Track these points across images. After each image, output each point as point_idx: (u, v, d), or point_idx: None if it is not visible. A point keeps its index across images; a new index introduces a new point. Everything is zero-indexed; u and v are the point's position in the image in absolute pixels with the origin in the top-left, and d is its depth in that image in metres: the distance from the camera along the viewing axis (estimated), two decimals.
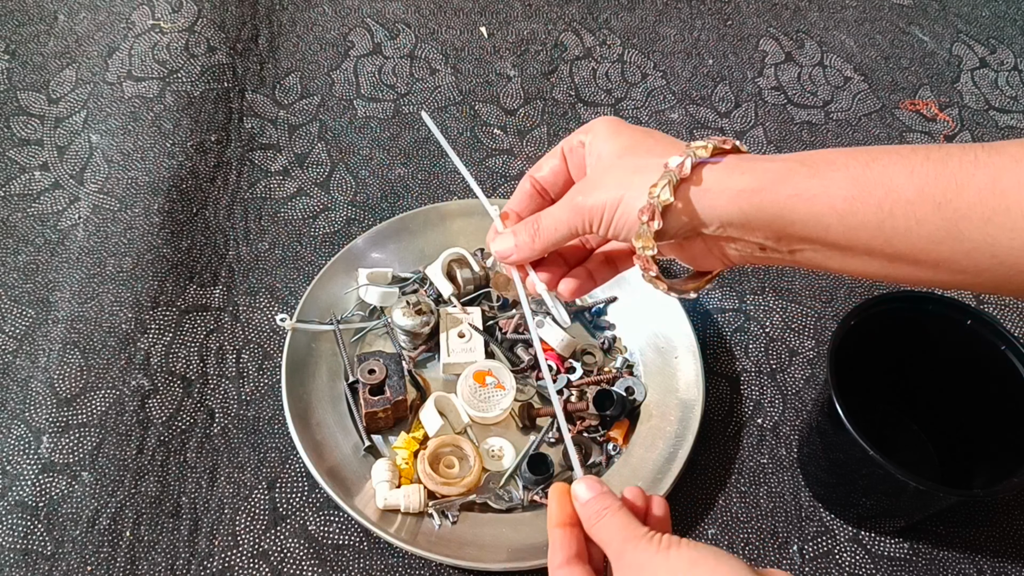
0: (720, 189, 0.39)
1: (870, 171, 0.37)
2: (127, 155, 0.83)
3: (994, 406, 0.62)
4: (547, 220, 0.45)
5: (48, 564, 0.59)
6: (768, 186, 0.39)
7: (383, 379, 0.65)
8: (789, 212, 0.38)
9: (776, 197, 0.38)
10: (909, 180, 0.37)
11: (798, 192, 0.38)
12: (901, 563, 0.64)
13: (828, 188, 0.38)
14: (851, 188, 0.37)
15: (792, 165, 0.39)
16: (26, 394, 0.67)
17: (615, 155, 0.43)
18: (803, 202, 0.38)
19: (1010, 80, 1.01)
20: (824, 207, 0.38)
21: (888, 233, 0.37)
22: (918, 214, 0.36)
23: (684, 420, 0.67)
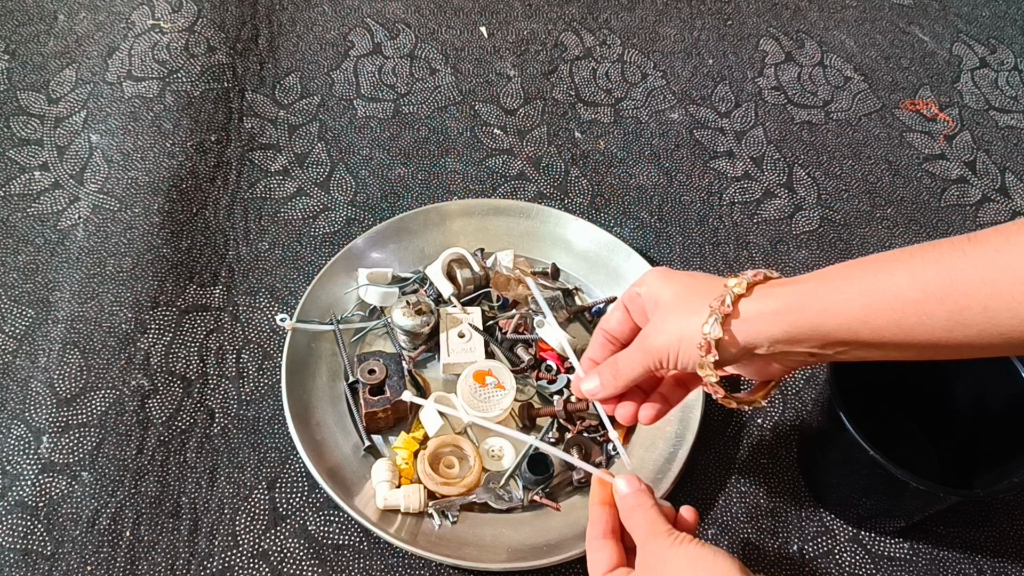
0: (759, 316, 0.47)
1: (879, 281, 0.45)
2: (127, 155, 0.83)
3: (994, 406, 0.62)
4: (624, 362, 0.53)
5: (48, 564, 0.59)
6: (798, 307, 0.47)
7: (383, 379, 0.65)
8: (821, 325, 0.46)
9: (808, 315, 0.46)
10: (911, 283, 0.43)
11: (824, 308, 0.46)
12: (901, 563, 0.64)
13: (848, 302, 0.45)
14: (866, 299, 0.45)
15: (813, 286, 0.47)
16: (26, 394, 0.67)
17: (670, 301, 0.51)
18: (830, 316, 0.46)
19: (1010, 80, 1.01)
20: (848, 318, 0.45)
21: (906, 330, 0.44)
22: (926, 311, 0.43)
23: (684, 420, 0.67)
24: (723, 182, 0.88)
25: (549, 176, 0.86)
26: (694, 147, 0.91)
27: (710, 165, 0.89)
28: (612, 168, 0.88)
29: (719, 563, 0.46)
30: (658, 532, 0.49)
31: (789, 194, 0.87)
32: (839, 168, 0.90)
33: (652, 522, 0.50)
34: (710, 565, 0.46)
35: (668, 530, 0.49)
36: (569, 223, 0.78)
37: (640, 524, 0.50)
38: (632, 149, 0.90)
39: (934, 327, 0.44)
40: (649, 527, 0.50)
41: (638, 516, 0.51)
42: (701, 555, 0.47)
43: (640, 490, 0.52)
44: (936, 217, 0.87)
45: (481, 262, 0.74)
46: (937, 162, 0.92)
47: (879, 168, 0.91)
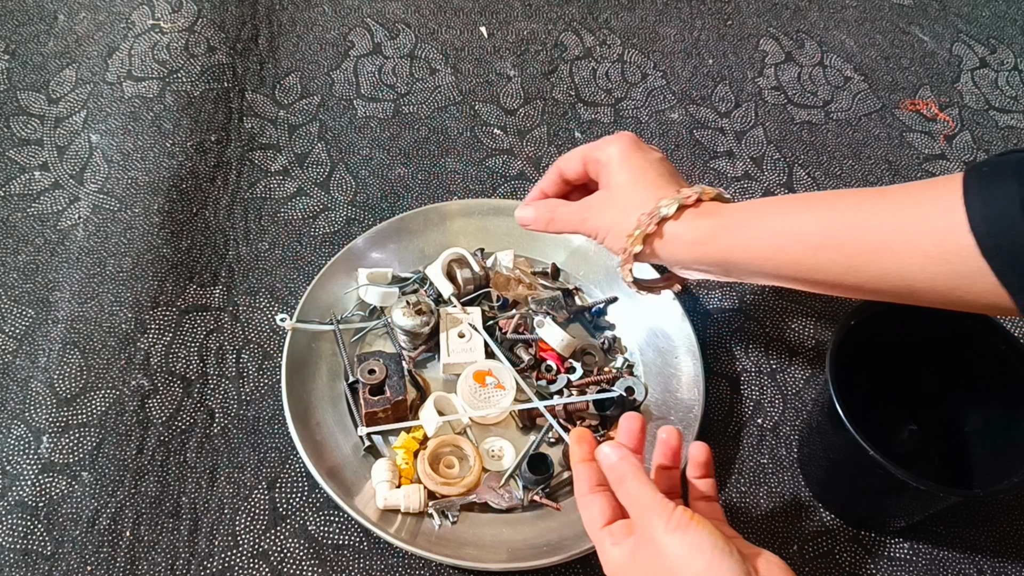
0: (675, 241, 0.54)
1: (787, 222, 0.50)
2: (127, 155, 0.83)
3: (994, 406, 0.62)
4: (560, 214, 0.61)
5: (48, 564, 0.59)
6: (711, 239, 0.52)
7: (383, 379, 0.65)
8: (728, 259, 0.52)
9: (718, 248, 0.52)
10: (817, 228, 0.48)
11: (733, 244, 0.52)
12: (901, 563, 0.64)
13: (756, 239, 0.51)
14: (773, 239, 0.50)
15: (730, 220, 0.52)
16: (26, 394, 0.67)
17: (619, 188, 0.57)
18: (738, 252, 0.52)
19: (1010, 80, 1.01)
20: (753, 255, 0.51)
21: (805, 270, 0.50)
22: (826, 256, 0.48)
23: (684, 420, 0.67)
24: (723, 182, 0.88)
25: None
26: (694, 147, 0.91)
27: (710, 165, 0.89)
28: None
29: (715, 562, 0.44)
30: (650, 508, 0.46)
31: (789, 194, 0.87)
32: (839, 168, 0.90)
33: (641, 494, 0.48)
34: (707, 563, 0.44)
35: (662, 505, 0.46)
36: None
37: (631, 496, 0.48)
38: None
39: (831, 271, 0.48)
40: (641, 501, 0.47)
41: (628, 486, 0.49)
42: (699, 548, 0.44)
43: (624, 457, 0.50)
44: None
45: (481, 262, 0.74)
46: (937, 162, 0.92)
47: (879, 168, 0.91)
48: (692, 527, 0.45)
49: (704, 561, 0.44)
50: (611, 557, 0.49)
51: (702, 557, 0.44)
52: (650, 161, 0.58)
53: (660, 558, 0.45)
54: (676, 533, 0.45)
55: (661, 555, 0.45)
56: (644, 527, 0.47)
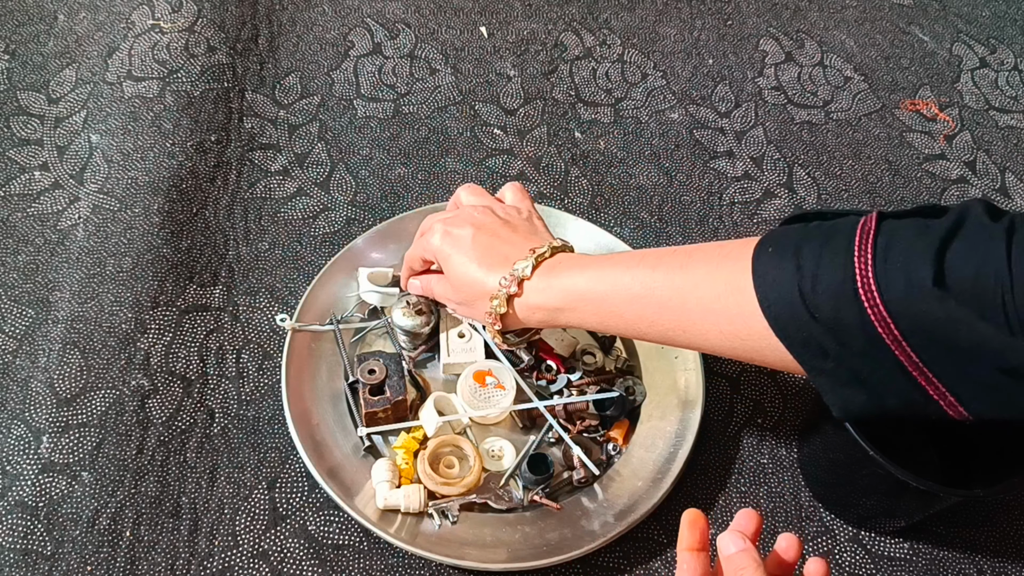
0: (527, 305, 0.58)
1: (605, 305, 0.55)
2: (127, 155, 0.83)
3: None
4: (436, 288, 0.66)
5: (48, 564, 0.59)
6: (555, 315, 0.58)
7: (383, 379, 0.65)
8: (568, 323, 0.59)
9: (559, 322, 0.59)
10: (619, 285, 0.54)
11: (569, 320, 0.58)
12: (901, 563, 0.64)
13: (585, 319, 0.57)
14: (596, 317, 0.56)
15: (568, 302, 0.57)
16: (26, 394, 0.67)
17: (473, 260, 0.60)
18: (574, 319, 0.58)
19: (1010, 80, 1.01)
20: (586, 325, 0.59)
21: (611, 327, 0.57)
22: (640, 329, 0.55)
23: (684, 420, 0.67)
24: (723, 182, 0.88)
25: (549, 176, 0.86)
26: (694, 147, 0.91)
27: (710, 165, 0.89)
28: (612, 168, 0.88)
29: None
30: None
31: (789, 194, 0.87)
32: (839, 168, 0.90)
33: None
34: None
35: None
36: (569, 223, 0.78)
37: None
38: (632, 149, 0.90)
39: (630, 322, 0.55)
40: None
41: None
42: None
43: (748, 549, 0.47)
44: None
45: None
46: (937, 162, 0.92)
47: (879, 168, 0.91)
48: None
49: None
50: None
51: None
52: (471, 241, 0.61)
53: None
54: None
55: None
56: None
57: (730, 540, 0.48)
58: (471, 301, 0.61)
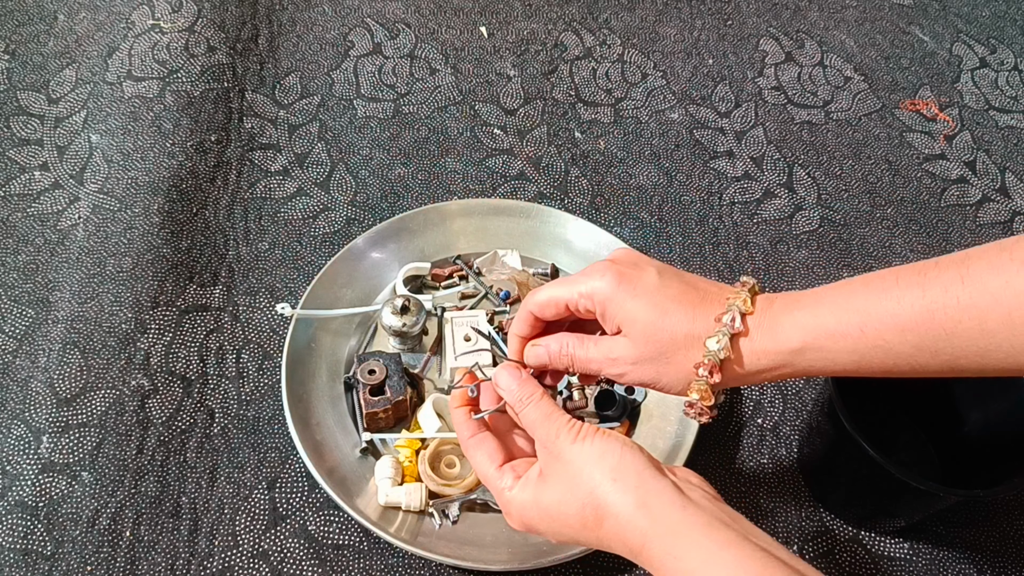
0: (756, 350, 0.45)
1: (848, 305, 0.44)
2: (127, 155, 0.83)
3: (994, 406, 0.62)
4: (581, 361, 0.49)
5: (48, 564, 0.59)
6: (792, 359, 0.45)
7: (383, 379, 0.65)
8: (811, 364, 0.45)
9: (796, 369, 0.45)
10: (877, 310, 0.43)
11: (811, 364, 0.45)
12: (901, 563, 0.64)
13: (836, 358, 0.44)
14: (852, 356, 0.44)
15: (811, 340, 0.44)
16: (26, 394, 0.67)
17: (647, 324, 0.46)
18: (819, 358, 0.45)
19: (1010, 80, 1.01)
20: (835, 368, 0.45)
21: (869, 357, 0.44)
22: (887, 337, 0.43)
23: (684, 420, 0.67)
24: (723, 182, 0.88)
25: (549, 176, 0.86)
26: (694, 147, 0.91)
27: (710, 165, 0.89)
28: (612, 168, 0.88)
29: (627, 458, 0.42)
30: (558, 427, 0.44)
31: (789, 194, 0.87)
32: (839, 168, 0.90)
33: (548, 415, 0.45)
34: (618, 460, 0.42)
35: (568, 422, 0.44)
36: (569, 223, 0.78)
37: (536, 419, 0.45)
38: (632, 149, 0.90)
39: (897, 353, 0.44)
40: (547, 423, 0.45)
41: (531, 410, 0.46)
42: (608, 449, 0.43)
43: (527, 379, 0.47)
44: (936, 217, 0.87)
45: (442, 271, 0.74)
46: (937, 162, 0.92)
47: (879, 168, 0.91)
48: (599, 435, 0.44)
49: (616, 457, 0.42)
50: (516, 499, 0.46)
51: (613, 454, 0.42)
52: (657, 279, 0.47)
53: (570, 468, 0.43)
54: (585, 440, 0.43)
55: (570, 465, 0.43)
56: (550, 446, 0.44)
57: (508, 375, 0.47)
58: (667, 354, 0.46)
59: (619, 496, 0.41)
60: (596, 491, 0.42)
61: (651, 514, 0.41)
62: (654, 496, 0.41)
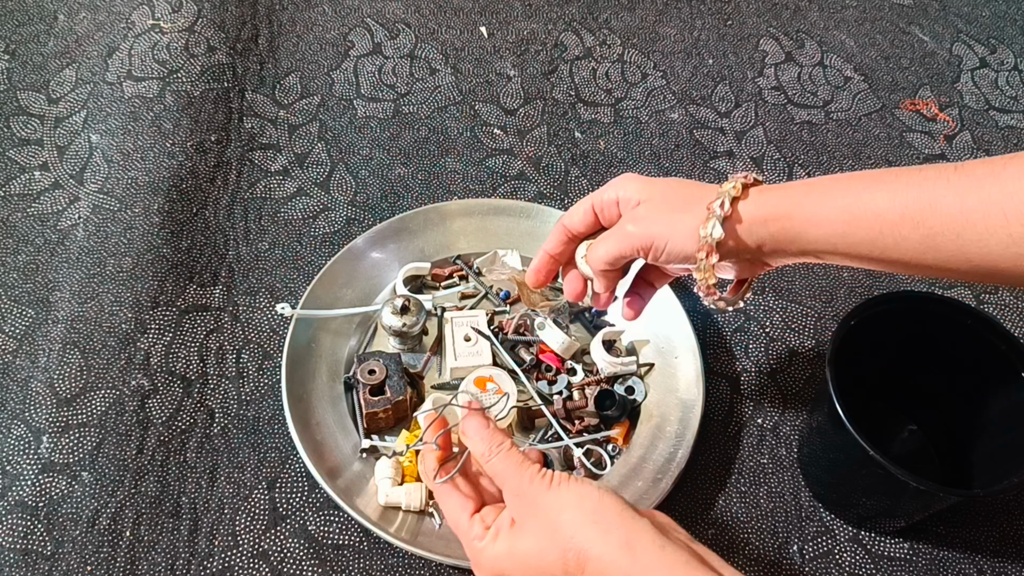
0: (752, 219, 0.49)
1: (861, 200, 0.46)
2: (127, 155, 0.83)
3: (994, 406, 0.62)
4: (600, 247, 0.54)
5: (48, 564, 0.59)
6: (785, 215, 0.48)
7: (383, 379, 0.65)
8: (804, 234, 0.48)
9: (793, 223, 0.48)
10: (892, 205, 0.45)
11: (808, 218, 0.47)
12: (901, 563, 0.64)
13: (830, 216, 0.47)
14: (847, 215, 0.46)
15: (800, 197, 0.48)
16: (26, 394, 0.67)
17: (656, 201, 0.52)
18: (812, 227, 0.48)
19: (1010, 80, 1.01)
20: (829, 231, 0.47)
21: (880, 248, 0.46)
22: (902, 232, 0.45)
23: (684, 420, 0.67)
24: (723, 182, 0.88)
25: (549, 176, 0.86)
26: (694, 147, 0.91)
27: (710, 165, 0.89)
28: (612, 168, 0.88)
29: (606, 501, 0.44)
30: (530, 475, 0.46)
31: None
32: (839, 168, 0.90)
33: (519, 464, 0.46)
34: (596, 503, 0.44)
35: (539, 471, 0.46)
36: None
37: (506, 468, 0.47)
38: (632, 149, 0.90)
39: (908, 248, 0.45)
40: (518, 471, 0.46)
41: (500, 459, 0.47)
42: (586, 494, 0.44)
43: (495, 430, 0.48)
44: None
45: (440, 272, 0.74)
46: (937, 162, 0.92)
47: (879, 168, 0.91)
48: (572, 481, 0.45)
49: (593, 500, 0.44)
50: (486, 552, 0.47)
51: (590, 498, 0.44)
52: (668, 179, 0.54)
53: (547, 515, 0.44)
54: (560, 487, 0.44)
55: (547, 512, 0.44)
56: (523, 494, 0.45)
57: (477, 423, 0.48)
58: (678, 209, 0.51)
59: (601, 539, 0.43)
60: (577, 536, 0.43)
61: (633, 554, 0.42)
62: (635, 536, 0.42)
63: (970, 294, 0.80)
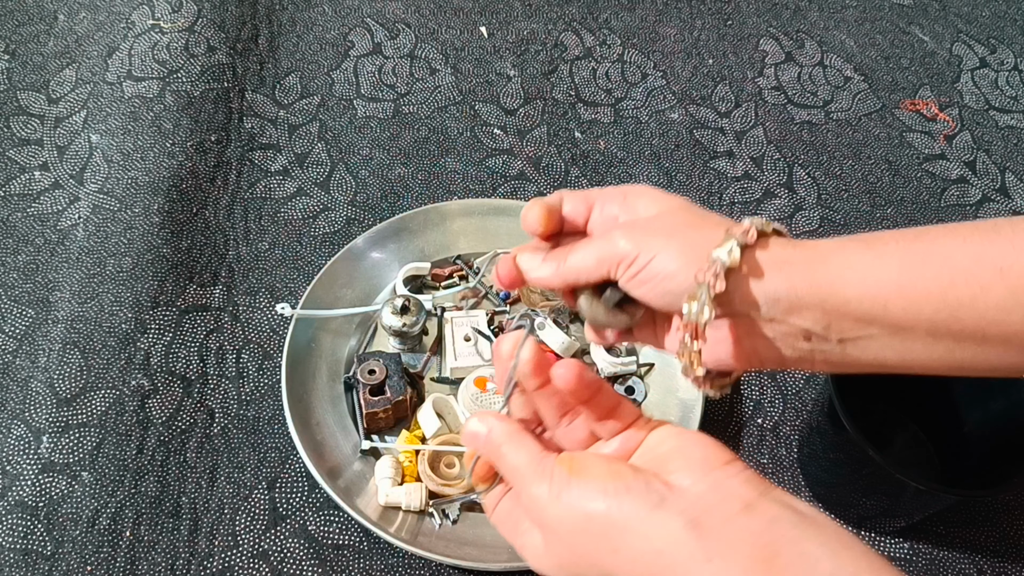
0: (770, 263, 0.36)
1: (921, 243, 0.35)
2: (127, 155, 0.83)
3: (994, 406, 0.62)
4: (573, 260, 0.40)
5: (48, 564, 0.59)
6: (819, 259, 0.36)
7: (383, 379, 0.65)
8: (842, 287, 0.35)
9: (828, 271, 0.35)
10: (963, 248, 0.34)
11: (851, 265, 0.35)
12: (901, 563, 0.64)
13: (882, 258, 0.35)
14: (906, 258, 0.35)
15: (842, 241, 0.37)
16: (26, 394, 0.67)
17: (664, 213, 0.40)
18: (857, 274, 0.35)
19: (1010, 80, 1.01)
20: (881, 278, 0.35)
21: (953, 304, 0.34)
22: (981, 281, 0.34)
23: (684, 420, 0.67)
24: (723, 182, 0.88)
25: (549, 176, 0.86)
26: (694, 147, 0.91)
27: (710, 165, 0.89)
28: (612, 168, 0.88)
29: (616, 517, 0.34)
30: (529, 478, 0.36)
31: (789, 194, 0.87)
32: (839, 168, 0.90)
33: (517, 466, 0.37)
34: (604, 507, 0.34)
35: (537, 471, 0.36)
36: None
37: (509, 470, 0.38)
38: (632, 149, 0.90)
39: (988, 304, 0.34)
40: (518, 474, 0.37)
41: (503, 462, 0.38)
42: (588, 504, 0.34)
43: (492, 429, 0.38)
44: (936, 217, 0.87)
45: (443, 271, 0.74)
46: (937, 162, 0.92)
47: (879, 168, 0.91)
48: (572, 485, 0.35)
49: (602, 519, 0.34)
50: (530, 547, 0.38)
51: (599, 505, 0.34)
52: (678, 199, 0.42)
53: (557, 534, 0.36)
54: (560, 500, 0.35)
55: (556, 532, 0.36)
56: (530, 507, 0.37)
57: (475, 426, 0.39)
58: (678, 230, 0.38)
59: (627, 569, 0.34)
60: (600, 565, 0.35)
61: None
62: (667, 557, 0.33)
63: None
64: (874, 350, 0.36)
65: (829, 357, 0.37)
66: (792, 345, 0.37)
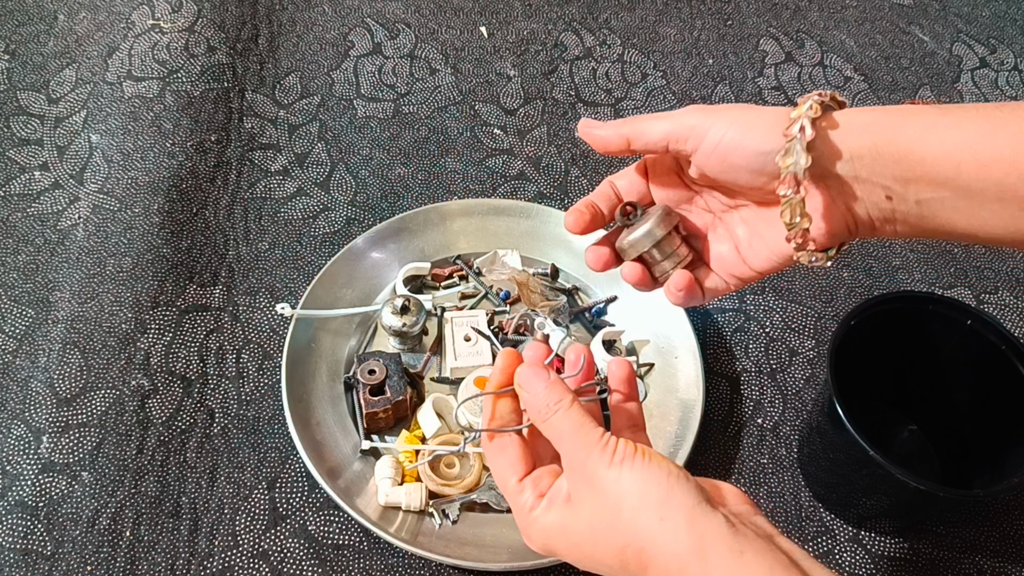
0: (850, 125, 0.38)
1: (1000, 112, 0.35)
2: (127, 155, 0.83)
3: (994, 406, 0.62)
4: (643, 123, 0.43)
5: (48, 564, 0.59)
6: (898, 121, 0.37)
7: (383, 379, 0.65)
8: (919, 146, 0.36)
9: (906, 130, 0.37)
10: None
11: (928, 125, 0.36)
12: (901, 563, 0.64)
13: (960, 122, 0.36)
14: (983, 124, 0.35)
15: (920, 107, 0.38)
16: (26, 394, 0.67)
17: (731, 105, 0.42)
18: (934, 135, 0.36)
19: (1010, 80, 1.01)
20: (956, 140, 0.36)
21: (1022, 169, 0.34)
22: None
23: (684, 420, 0.67)
24: None
25: (549, 176, 0.86)
26: None
27: None
28: (612, 168, 0.88)
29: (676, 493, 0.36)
30: (589, 444, 0.38)
31: None
32: None
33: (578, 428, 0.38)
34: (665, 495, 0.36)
35: (601, 439, 0.38)
36: None
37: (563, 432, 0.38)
38: None
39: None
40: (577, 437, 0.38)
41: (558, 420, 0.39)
42: (653, 478, 0.36)
43: (555, 382, 0.39)
44: None
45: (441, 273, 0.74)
46: None
47: None
48: (639, 458, 0.37)
49: (662, 490, 0.36)
50: (538, 522, 0.39)
51: (658, 487, 0.36)
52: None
53: (605, 498, 0.37)
54: (623, 465, 0.37)
55: (606, 494, 0.37)
56: (581, 467, 0.38)
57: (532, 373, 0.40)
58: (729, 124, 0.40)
59: (670, 540, 0.36)
60: (641, 533, 0.36)
61: (706, 564, 0.35)
62: (709, 540, 0.35)
63: (970, 294, 0.80)
64: (946, 213, 0.37)
65: (908, 218, 0.38)
66: (877, 205, 0.39)
